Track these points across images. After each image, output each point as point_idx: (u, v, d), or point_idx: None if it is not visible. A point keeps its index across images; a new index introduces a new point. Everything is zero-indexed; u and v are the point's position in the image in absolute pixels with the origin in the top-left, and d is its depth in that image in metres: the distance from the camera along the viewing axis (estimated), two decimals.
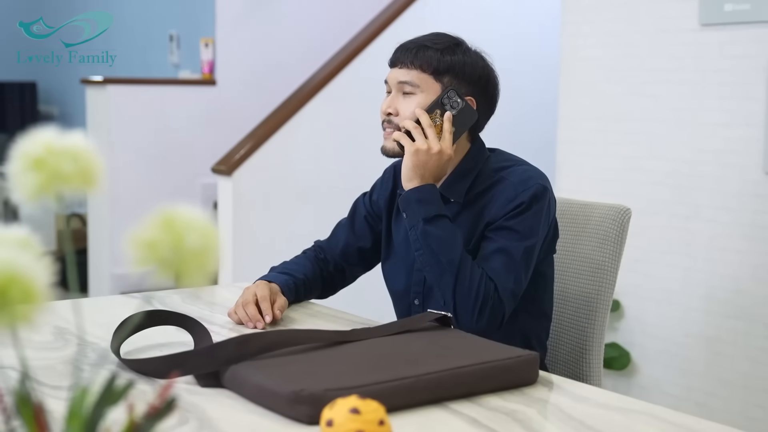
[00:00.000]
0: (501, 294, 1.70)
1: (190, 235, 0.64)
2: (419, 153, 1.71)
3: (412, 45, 1.80)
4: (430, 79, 1.78)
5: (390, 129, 1.81)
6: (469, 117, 1.76)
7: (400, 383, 1.26)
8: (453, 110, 1.74)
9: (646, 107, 3.10)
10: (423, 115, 1.74)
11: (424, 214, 1.71)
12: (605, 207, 2.03)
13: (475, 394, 1.32)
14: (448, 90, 1.75)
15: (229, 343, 1.35)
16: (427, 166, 1.72)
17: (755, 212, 2.81)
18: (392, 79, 1.81)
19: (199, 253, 0.65)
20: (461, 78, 1.78)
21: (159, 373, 1.37)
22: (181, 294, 2.03)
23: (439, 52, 1.77)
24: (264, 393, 1.25)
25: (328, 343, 1.44)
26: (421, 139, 1.72)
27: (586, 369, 1.98)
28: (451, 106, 1.75)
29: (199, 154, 5.13)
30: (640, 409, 1.30)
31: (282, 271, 1.91)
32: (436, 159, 1.72)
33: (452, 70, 1.78)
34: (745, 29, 2.80)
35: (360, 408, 1.02)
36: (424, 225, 1.71)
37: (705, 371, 2.95)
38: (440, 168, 1.73)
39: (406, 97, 1.79)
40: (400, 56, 1.80)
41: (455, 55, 1.78)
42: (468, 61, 1.79)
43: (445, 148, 1.72)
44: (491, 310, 1.69)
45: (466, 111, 1.76)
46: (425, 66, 1.77)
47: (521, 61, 4.85)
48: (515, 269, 1.73)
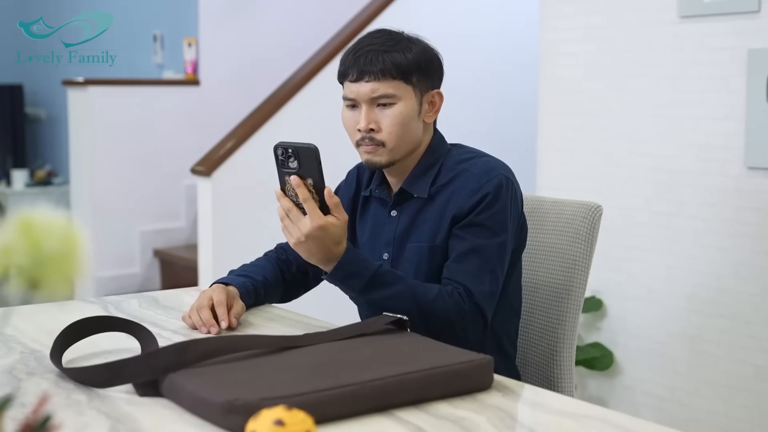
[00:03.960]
0: (477, 299, 1.65)
1: (49, 241, 0.58)
2: (299, 246, 1.59)
3: (372, 54, 1.71)
4: (402, 84, 1.73)
5: (373, 145, 1.74)
6: (310, 153, 1.54)
7: (343, 391, 1.20)
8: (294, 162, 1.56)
9: (626, 102, 3.05)
10: (282, 199, 1.60)
11: (358, 288, 1.64)
12: (576, 204, 1.98)
13: (425, 401, 1.26)
14: (275, 149, 1.57)
15: (167, 351, 1.30)
16: (318, 249, 1.59)
17: (737, 208, 2.75)
18: (361, 94, 1.72)
19: (58, 259, 0.59)
20: (426, 72, 1.75)
21: (96, 382, 1.32)
22: (139, 299, 1.98)
23: (402, 54, 1.72)
24: (199, 402, 1.19)
25: (274, 349, 1.38)
26: (288, 233, 1.59)
27: (557, 370, 1.93)
28: (289, 159, 1.56)
29: (183, 155, 5.08)
30: (595, 415, 1.25)
31: (240, 274, 1.86)
32: (316, 239, 1.57)
33: (417, 68, 1.73)
34: (725, 20, 2.75)
35: (285, 419, 0.96)
36: (364, 297, 1.65)
37: (688, 371, 2.90)
38: (330, 236, 1.58)
39: (385, 109, 1.73)
40: (366, 68, 1.71)
41: (414, 52, 1.73)
42: (423, 53, 1.75)
43: (313, 224, 1.56)
44: (472, 319, 1.65)
45: (302, 152, 1.55)
46: (395, 72, 1.71)
47: (507, 58, 4.80)
48: (490, 269, 1.69)
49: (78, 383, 1.34)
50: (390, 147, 1.74)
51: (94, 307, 1.89)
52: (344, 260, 1.62)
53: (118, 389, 1.31)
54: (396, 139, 1.73)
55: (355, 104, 1.75)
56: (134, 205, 5.13)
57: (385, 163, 1.76)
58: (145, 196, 5.17)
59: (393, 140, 1.73)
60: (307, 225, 1.57)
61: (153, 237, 5.19)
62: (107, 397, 1.29)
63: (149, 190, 5.19)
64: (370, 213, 1.89)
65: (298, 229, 1.58)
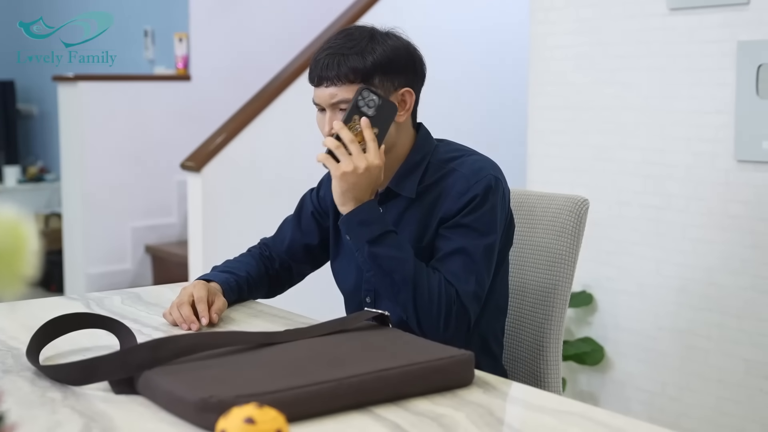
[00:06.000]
0: (463, 298, 1.62)
1: None
2: (347, 176, 1.60)
3: (330, 57, 1.67)
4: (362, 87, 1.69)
5: None
6: (389, 110, 1.64)
7: (320, 388, 1.19)
8: (370, 110, 1.63)
9: (616, 95, 3.03)
10: (343, 130, 1.62)
11: (368, 236, 1.62)
12: (562, 198, 1.96)
13: (404, 398, 1.24)
14: (361, 90, 1.62)
15: (141, 348, 1.28)
16: (359, 186, 1.61)
17: (727, 201, 2.73)
18: (322, 99, 1.70)
19: (6, 255, 0.57)
20: (390, 72, 1.68)
21: (72, 380, 1.30)
22: (122, 295, 1.96)
23: (359, 57, 1.66)
24: (173, 400, 1.18)
25: (252, 346, 1.36)
26: (346, 159, 1.60)
27: (544, 365, 1.91)
28: (368, 106, 1.63)
29: (174, 151, 5.05)
30: (576, 411, 1.23)
31: (223, 270, 1.85)
32: (365, 176, 1.60)
33: (379, 69, 1.67)
34: (715, 13, 2.73)
35: (255, 417, 0.95)
36: (370, 247, 1.62)
37: (679, 365, 2.88)
38: (374, 182, 1.63)
39: None
40: (324, 74, 1.68)
41: (375, 52, 1.67)
42: (389, 52, 1.69)
43: (371, 161, 1.60)
44: (457, 316, 1.62)
45: (385, 106, 1.64)
46: (352, 76, 1.66)
47: (497, 52, 4.79)
48: (476, 270, 1.65)
49: (54, 381, 1.32)
50: None
51: (76, 304, 1.88)
52: (367, 206, 1.63)
53: (94, 387, 1.29)
54: None
55: (322, 108, 1.72)
56: (126, 201, 5.10)
57: None
58: (137, 192, 5.15)
59: None
60: (368, 158, 1.60)
61: (144, 233, 5.17)
62: (83, 395, 1.27)
63: (141, 186, 5.16)
64: None
65: (358, 160, 1.60)
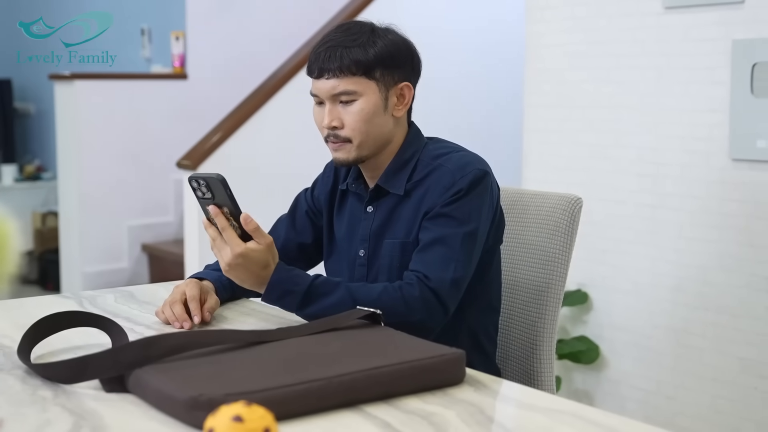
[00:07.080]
0: (434, 284, 1.62)
1: None
2: (236, 267, 1.56)
3: (331, 50, 1.69)
4: (363, 79, 1.70)
5: (339, 142, 1.72)
6: (217, 182, 1.53)
7: (310, 386, 1.18)
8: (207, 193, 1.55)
9: (611, 94, 3.03)
10: (210, 228, 1.58)
11: (294, 305, 1.61)
12: (556, 196, 1.96)
13: (395, 396, 1.24)
14: (190, 182, 1.56)
15: (132, 346, 1.28)
16: (250, 269, 1.57)
17: (722, 199, 2.73)
18: (323, 91, 1.71)
19: None
20: (391, 66, 1.71)
21: (62, 379, 1.30)
22: (115, 293, 1.96)
23: (362, 49, 1.68)
24: (163, 398, 1.18)
25: (243, 344, 1.36)
26: (224, 251, 1.56)
27: (537, 364, 1.91)
28: (201, 191, 1.56)
29: (171, 149, 5.04)
30: (567, 410, 1.23)
31: (216, 268, 1.84)
32: (242, 262, 1.55)
33: (381, 62, 1.69)
34: (709, 11, 2.73)
35: (243, 415, 0.95)
36: (302, 312, 1.62)
37: (674, 364, 2.88)
38: (262, 256, 1.57)
39: (347, 106, 1.71)
40: (325, 66, 1.69)
41: (377, 46, 1.69)
42: (390, 46, 1.71)
43: (235, 248, 1.54)
44: (426, 308, 1.61)
45: (211, 181, 1.54)
46: (354, 68, 1.68)
47: (494, 51, 4.78)
48: (454, 258, 1.65)
49: (45, 379, 1.32)
50: (356, 143, 1.72)
51: (69, 302, 1.87)
52: (274, 281, 1.59)
53: (85, 385, 1.29)
54: (361, 136, 1.71)
55: (321, 101, 1.73)
56: (122, 200, 5.10)
57: (353, 160, 1.74)
58: (134, 190, 5.15)
59: (358, 137, 1.71)
60: (228, 254, 1.55)
61: (141, 232, 5.16)
62: (73, 393, 1.27)
63: (137, 185, 5.16)
64: (347, 207, 1.86)
65: (222, 259, 1.57)
